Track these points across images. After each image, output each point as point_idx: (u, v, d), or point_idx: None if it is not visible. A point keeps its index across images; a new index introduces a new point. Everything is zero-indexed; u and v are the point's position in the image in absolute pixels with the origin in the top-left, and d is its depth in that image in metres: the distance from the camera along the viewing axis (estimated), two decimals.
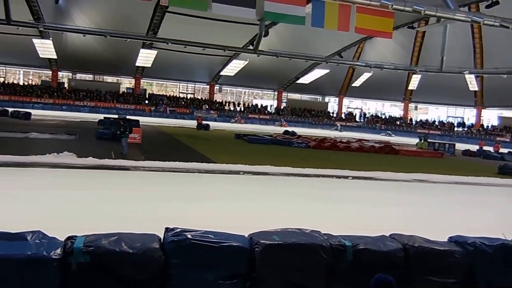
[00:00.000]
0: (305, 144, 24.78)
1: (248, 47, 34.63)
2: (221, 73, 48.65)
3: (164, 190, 9.34)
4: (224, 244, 4.15)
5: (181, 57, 40.65)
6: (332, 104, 59.51)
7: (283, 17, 16.87)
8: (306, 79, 50.43)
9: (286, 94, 57.24)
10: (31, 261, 3.51)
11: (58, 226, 4.68)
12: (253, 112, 52.58)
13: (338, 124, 50.75)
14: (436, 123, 53.64)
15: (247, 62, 42.20)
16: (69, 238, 3.87)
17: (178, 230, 4.20)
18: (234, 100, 55.70)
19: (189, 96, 53.56)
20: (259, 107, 54.52)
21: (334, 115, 56.88)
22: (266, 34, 25.78)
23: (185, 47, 31.20)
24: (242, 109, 52.88)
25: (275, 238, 4.34)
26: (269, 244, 4.24)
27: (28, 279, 3.49)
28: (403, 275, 4.39)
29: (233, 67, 45.68)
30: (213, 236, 4.20)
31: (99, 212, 6.82)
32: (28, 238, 3.78)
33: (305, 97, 58.99)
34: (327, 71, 46.09)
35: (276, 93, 56.51)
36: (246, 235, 4.43)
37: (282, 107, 55.95)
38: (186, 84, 53.74)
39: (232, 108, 52.64)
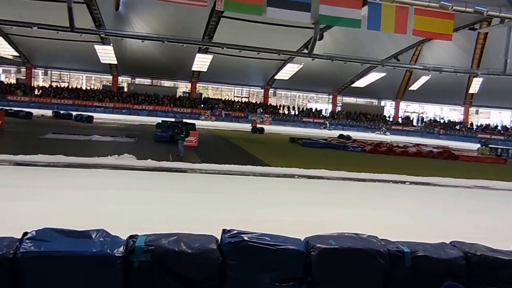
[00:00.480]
0: (361, 148, 24.20)
1: (303, 51, 34.42)
2: (276, 77, 48.83)
3: (220, 192, 9.45)
4: (281, 247, 4.09)
5: (236, 62, 41.33)
6: (388, 108, 57.72)
7: (339, 20, 16.62)
8: (361, 83, 49.38)
9: (341, 97, 56.33)
10: (96, 258, 3.63)
11: (120, 225, 4.85)
12: (307, 116, 52.22)
13: (327, 122, 49.09)
14: (499, 127, 50.39)
15: (301, 66, 42.05)
16: (131, 237, 3.96)
17: (235, 232, 4.20)
18: (289, 103, 55.67)
19: (243, 100, 54.24)
20: (313, 110, 54.06)
21: (391, 119, 55.11)
22: (321, 38, 25.50)
23: (240, 51, 31.59)
24: (297, 113, 52.69)
25: (332, 243, 4.23)
26: (325, 248, 4.13)
27: (93, 275, 3.62)
28: (464, 284, 4.10)
29: (288, 71, 45.70)
30: (269, 239, 4.15)
31: (159, 212, 7.02)
32: (93, 236, 3.91)
33: (361, 100, 57.72)
34: (383, 74, 44.83)
35: (331, 96, 55.77)
36: (302, 239, 4.35)
37: (337, 111, 55.13)
38: (241, 88, 54.49)
39: (286, 112, 52.63)
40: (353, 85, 50.61)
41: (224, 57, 39.58)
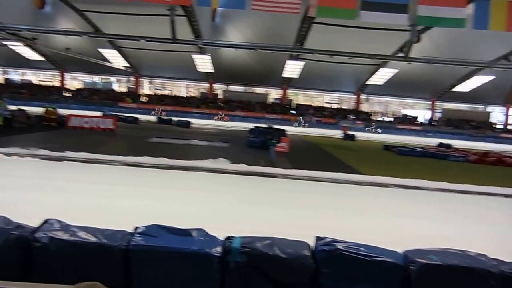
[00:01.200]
0: (464, 158, 22.33)
1: (398, 55, 32.90)
2: (368, 82, 47.31)
3: (311, 198, 9.40)
4: (377, 258, 3.95)
5: (327, 67, 40.89)
6: (496, 114, 52.53)
7: (440, 21, 15.56)
8: (464, 87, 45.60)
9: (440, 103, 52.66)
10: (196, 256, 3.86)
11: (216, 226, 5.07)
12: (402, 123, 49.68)
13: (301, 118, 45.26)
14: None
15: (397, 70, 40.20)
16: (228, 238, 4.15)
17: (329, 239, 4.16)
18: (382, 110, 53.53)
19: (334, 106, 53.42)
20: (408, 117, 51.30)
21: (499, 126, 50.10)
22: (418, 40, 24.15)
23: (331, 57, 31.21)
24: (391, 119, 50.46)
25: (434, 258, 3.95)
26: (426, 264, 3.87)
27: (193, 271, 3.85)
28: None
29: (381, 76, 44.00)
30: (364, 249, 4.03)
31: (251, 215, 7.22)
32: (193, 234, 4.18)
33: (463, 106, 53.35)
34: (492, 77, 40.91)
35: (429, 102, 52.41)
36: (400, 252, 4.14)
37: (436, 118, 51.63)
38: (331, 94, 53.75)
39: (380, 118, 50.69)
40: (454, 90, 46.96)
41: (315, 63, 39.40)
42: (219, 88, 53.30)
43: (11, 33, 28.78)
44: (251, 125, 30.41)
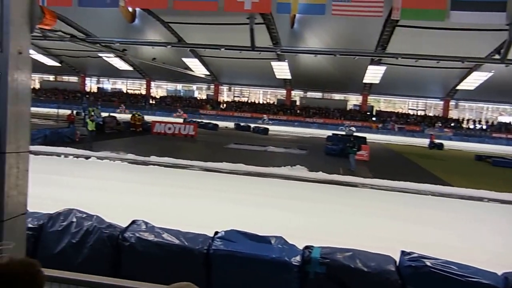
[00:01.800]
0: None
1: (493, 57, 30.26)
2: (458, 87, 44.07)
3: (394, 210, 8.90)
4: (471, 279, 3.57)
5: (412, 72, 38.85)
6: None
7: None
8: None
9: None
10: (275, 263, 3.80)
11: (293, 234, 4.96)
12: (497, 131, 45.44)
13: (265, 116, 43.17)
14: None
15: (491, 73, 37.02)
16: (306, 247, 4.04)
17: (416, 255, 3.86)
18: (474, 117, 49.55)
19: (419, 112, 50.62)
20: (506, 125, 46.79)
21: None
22: None
23: (416, 61, 29.59)
24: (484, 127, 46.49)
25: None
26: None
27: (271, 279, 3.79)
28: None
29: (473, 80, 40.77)
30: (456, 268, 3.68)
31: (330, 225, 7.00)
32: (272, 242, 4.14)
33: None
34: None
35: None
36: (499, 273, 3.71)
37: None
38: (416, 100, 51.02)
39: (471, 126, 46.98)
40: None
41: (398, 68, 37.65)
42: (297, 95, 53.27)
43: (105, 45, 31.43)
44: (328, 132, 29.92)
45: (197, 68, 44.56)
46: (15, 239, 2.43)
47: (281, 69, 43.27)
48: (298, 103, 52.51)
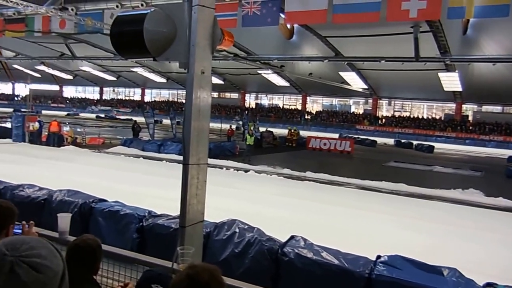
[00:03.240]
0: None
1: None
2: None
3: None
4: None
5: None
6: None
7: None
8: None
9: None
10: None
11: (471, 268, 4.34)
12: None
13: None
14: None
15: None
16: (489, 284, 3.56)
17: None
18: None
19: None
20: None
21: None
22: None
23: None
24: None
25: None
26: None
27: None
28: None
29: None
30: None
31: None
32: (445, 273, 3.72)
33: None
34: None
35: None
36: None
37: None
38: None
39: None
40: None
41: None
42: (469, 109, 47.73)
43: (264, 62, 33.49)
44: (510, 152, 25.92)
45: (354, 82, 43.92)
46: (194, 244, 2.63)
47: (451, 81, 39.31)
48: (470, 118, 46.86)
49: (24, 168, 10.68)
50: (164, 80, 55.79)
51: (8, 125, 22.80)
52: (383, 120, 50.00)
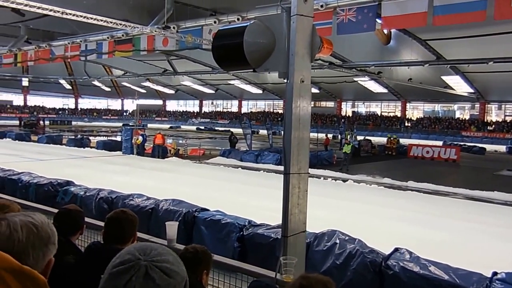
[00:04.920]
0: None
1: None
2: None
3: None
4: None
5: None
6: None
7: None
8: None
9: None
10: None
11: None
12: None
13: None
14: None
15: None
16: None
17: None
18: None
19: None
20: None
21: None
22: None
23: None
24: None
25: None
26: None
27: None
28: None
29: None
30: None
31: None
32: None
33: None
34: None
35: None
36: None
37: None
38: None
39: None
40: None
41: None
42: None
43: (360, 69, 32.49)
44: None
45: (458, 86, 40.68)
46: (296, 254, 2.61)
47: None
48: None
49: (132, 179, 11.70)
50: (260, 91, 57.08)
51: (119, 138, 25.23)
52: (493, 125, 45.46)
